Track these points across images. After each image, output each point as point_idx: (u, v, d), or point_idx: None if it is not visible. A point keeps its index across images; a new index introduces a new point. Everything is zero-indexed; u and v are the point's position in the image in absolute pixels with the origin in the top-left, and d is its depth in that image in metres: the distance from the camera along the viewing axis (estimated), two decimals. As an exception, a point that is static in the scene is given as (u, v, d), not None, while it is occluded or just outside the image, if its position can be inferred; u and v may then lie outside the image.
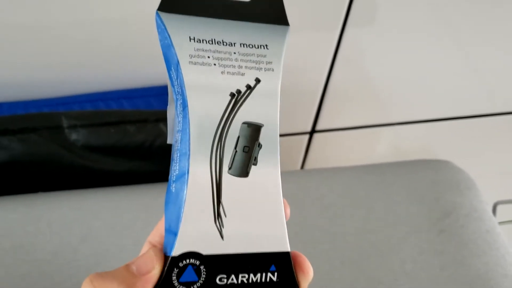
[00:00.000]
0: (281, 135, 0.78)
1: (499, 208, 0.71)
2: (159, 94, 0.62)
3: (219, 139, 0.26)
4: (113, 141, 0.56)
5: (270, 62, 0.28)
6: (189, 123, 0.26)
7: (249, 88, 0.27)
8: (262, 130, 0.27)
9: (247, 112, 0.27)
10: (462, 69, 0.71)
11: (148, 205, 0.55)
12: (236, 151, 0.26)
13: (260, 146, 0.27)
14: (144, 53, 0.59)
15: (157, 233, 0.28)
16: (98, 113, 0.57)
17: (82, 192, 0.57)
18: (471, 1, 0.61)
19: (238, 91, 0.27)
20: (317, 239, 0.55)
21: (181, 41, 0.27)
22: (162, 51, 0.27)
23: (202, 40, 0.27)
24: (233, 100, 0.27)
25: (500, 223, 0.61)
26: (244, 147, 0.27)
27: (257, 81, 0.27)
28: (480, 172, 0.69)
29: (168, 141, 0.29)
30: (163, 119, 0.56)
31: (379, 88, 0.73)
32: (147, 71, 0.61)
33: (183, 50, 0.26)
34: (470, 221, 0.58)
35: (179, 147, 0.27)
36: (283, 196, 0.27)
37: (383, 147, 0.86)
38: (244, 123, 0.27)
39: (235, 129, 0.26)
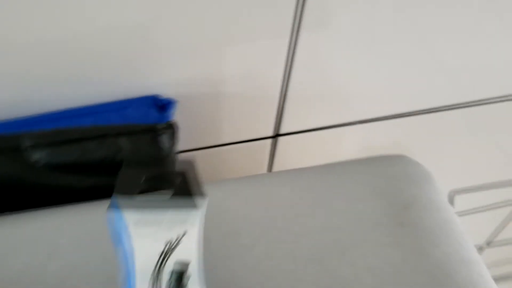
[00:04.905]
0: (243, 141, 0.79)
1: (457, 198, 0.73)
2: (119, 108, 0.63)
3: (157, 276, 0.39)
4: (73, 159, 0.56)
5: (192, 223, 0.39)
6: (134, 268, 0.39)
7: (178, 237, 0.39)
8: (190, 265, 0.39)
9: (178, 253, 0.39)
10: (419, 62, 0.73)
11: (112, 219, 0.56)
12: (170, 282, 0.39)
13: (189, 276, 0.39)
14: (107, 68, 0.60)
15: None
16: (58, 131, 0.57)
17: (46, 211, 0.57)
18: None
19: (170, 240, 0.39)
20: (281, 239, 0.57)
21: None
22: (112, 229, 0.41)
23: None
24: (167, 247, 0.39)
25: (457, 212, 0.63)
26: (176, 278, 0.39)
27: (184, 233, 0.39)
28: (439, 163, 0.71)
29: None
30: (123, 134, 0.57)
31: (339, 88, 0.75)
32: (107, 86, 0.62)
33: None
34: (428, 213, 0.60)
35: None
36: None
37: (350, 146, 0.88)
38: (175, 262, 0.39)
39: (169, 266, 0.39)
